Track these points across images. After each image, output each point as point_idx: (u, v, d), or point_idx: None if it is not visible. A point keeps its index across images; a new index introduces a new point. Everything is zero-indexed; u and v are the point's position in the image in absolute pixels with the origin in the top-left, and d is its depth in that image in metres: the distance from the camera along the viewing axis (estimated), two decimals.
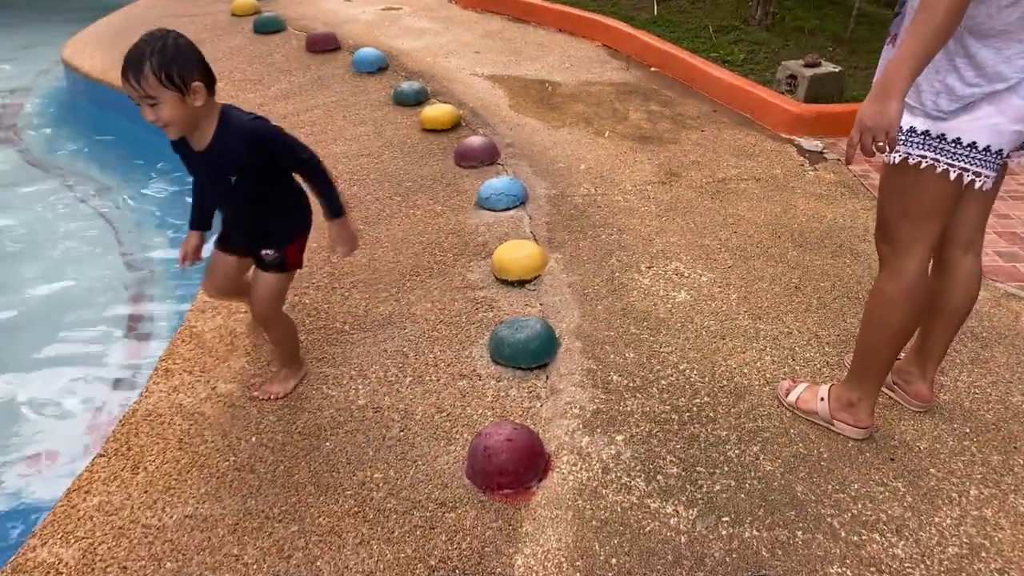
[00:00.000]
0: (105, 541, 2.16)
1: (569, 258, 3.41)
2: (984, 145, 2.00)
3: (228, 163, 2.27)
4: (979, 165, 2.02)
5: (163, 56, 2.09)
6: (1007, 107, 1.97)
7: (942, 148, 2.02)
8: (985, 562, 2.08)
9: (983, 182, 2.05)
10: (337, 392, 2.69)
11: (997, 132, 1.99)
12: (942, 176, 2.05)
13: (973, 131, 2.00)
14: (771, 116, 4.76)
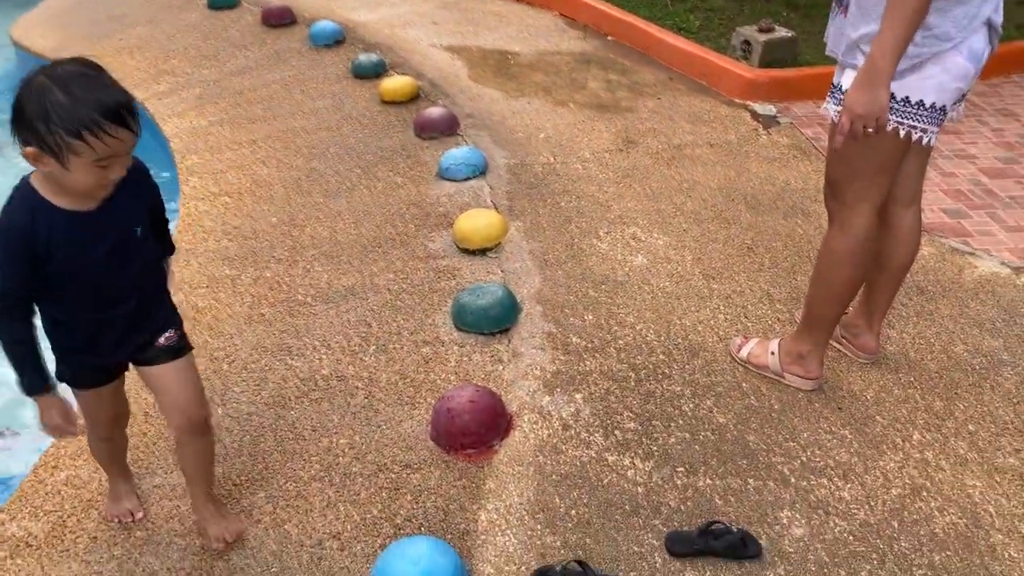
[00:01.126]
0: (74, 514, 2.19)
1: (529, 226, 3.46)
2: (931, 102, 2.09)
3: (133, 210, 1.75)
4: (926, 122, 2.11)
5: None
6: (951, 65, 2.06)
7: (892, 108, 2.10)
8: (925, 501, 2.18)
9: (929, 137, 2.14)
10: (301, 363, 2.72)
11: (942, 89, 2.08)
12: (892, 134, 2.13)
13: (921, 89, 2.08)
14: (726, 82, 4.82)
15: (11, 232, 1.62)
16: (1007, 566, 2.01)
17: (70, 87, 1.51)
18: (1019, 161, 4.06)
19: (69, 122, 1.49)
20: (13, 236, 1.61)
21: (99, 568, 2.03)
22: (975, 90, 4.81)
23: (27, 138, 1.53)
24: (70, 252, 1.66)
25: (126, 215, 1.73)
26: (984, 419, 2.46)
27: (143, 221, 1.79)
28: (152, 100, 4.81)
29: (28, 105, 1.51)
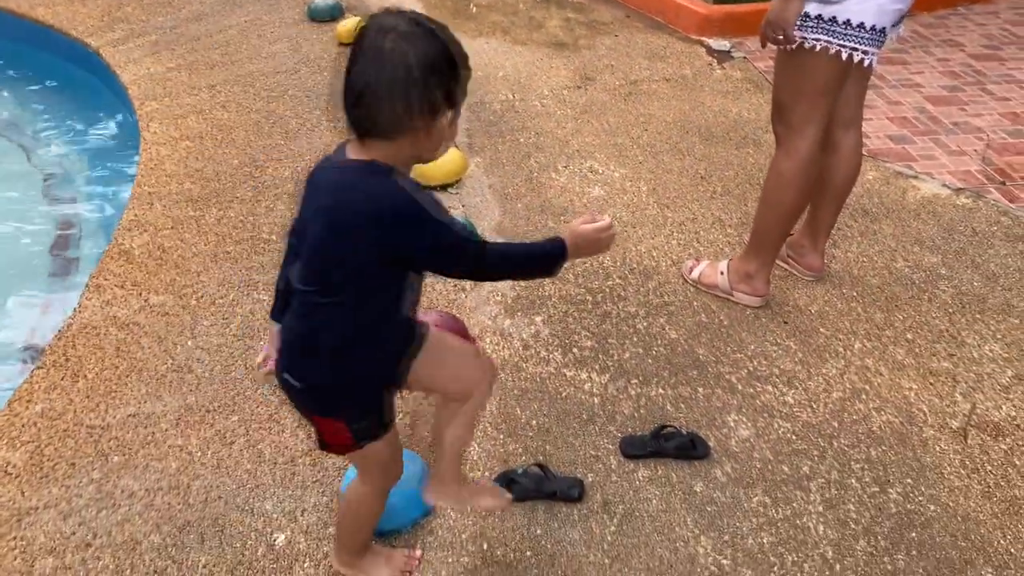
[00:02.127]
0: (51, 443, 2.25)
1: (489, 162, 3.53)
2: (871, 24, 2.18)
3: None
4: (866, 44, 2.21)
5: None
6: None
7: (833, 30, 2.19)
8: (864, 403, 2.33)
9: (869, 59, 2.24)
10: (267, 296, 2.78)
11: (881, 12, 2.17)
12: (834, 57, 2.22)
13: (860, 12, 2.17)
14: (682, 19, 4.87)
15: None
16: (937, 457, 2.17)
17: (444, 31, 1.38)
18: (963, 89, 4.18)
19: (465, 70, 1.39)
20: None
21: (79, 491, 2.11)
22: (922, 21, 4.94)
23: (434, 98, 1.32)
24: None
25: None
26: (921, 328, 2.60)
27: None
28: (107, 48, 4.75)
29: (442, 59, 1.32)
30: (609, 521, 1.97)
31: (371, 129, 1.32)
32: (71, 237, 3.84)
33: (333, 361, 1.45)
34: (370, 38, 1.28)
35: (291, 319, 1.50)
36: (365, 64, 1.29)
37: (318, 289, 1.41)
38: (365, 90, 1.29)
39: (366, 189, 1.34)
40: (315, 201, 1.42)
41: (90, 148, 4.48)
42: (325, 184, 1.41)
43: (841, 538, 1.94)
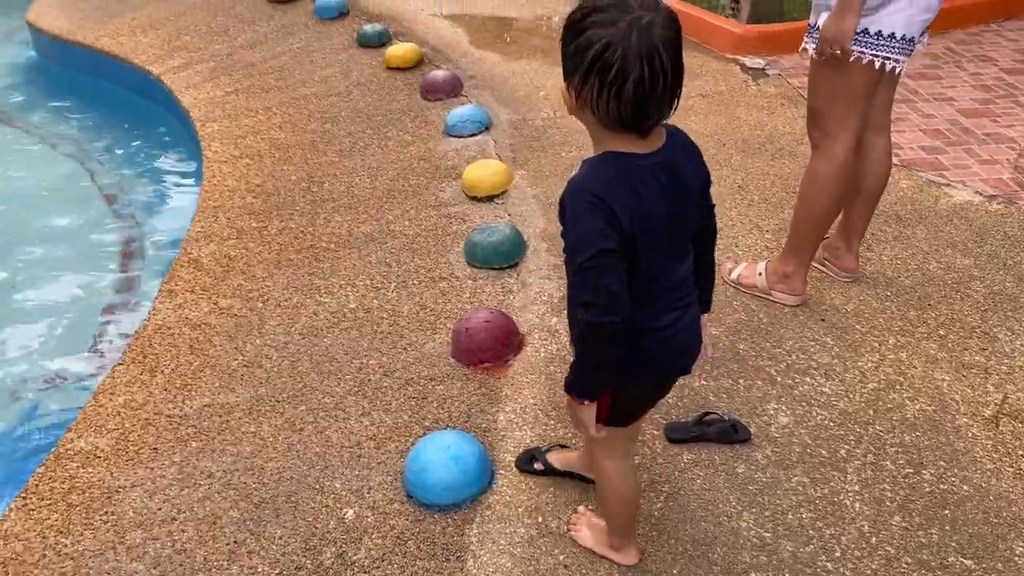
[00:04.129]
0: (134, 430, 2.44)
1: (533, 174, 3.70)
2: (901, 34, 2.31)
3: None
4: (897, 52, 2.34)
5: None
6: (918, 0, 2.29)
7: (866, 41, 2.33)
8: (899, 393, 2.43)
9: (899, 67, 2.37)
10: (329, 299, 2.97)
11: (910, 22, 2.31)
12: (867, 66, 2.36)
13: (891, 23, 2.31)
14: (717, 38, 5.03)
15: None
16: (970, 442, 2.26)
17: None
18: (995, 102, 4.28)
19: None
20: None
21: (162, 472, 2.29)
22: (955, 38, 5.04)
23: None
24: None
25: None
26: (954, 324, 2.70)
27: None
28: (168, 74, 5.03)
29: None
30: (656, 499, 2.09)
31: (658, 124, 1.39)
32: (135, 251, 4.08)
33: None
34: (644, 48, 1.28)
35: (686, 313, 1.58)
36: (655, 77, 1.29)
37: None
38: (662, 97, 1.32)
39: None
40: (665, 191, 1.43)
41: (153, 167, 4.74)
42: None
43: (877, 514, 2.05)
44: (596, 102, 1.33)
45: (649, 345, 1.53)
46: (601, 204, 1.35)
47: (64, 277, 3.88)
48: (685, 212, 1.48)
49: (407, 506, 2.12)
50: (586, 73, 1.31)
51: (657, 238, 1.43)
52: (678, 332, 1.55)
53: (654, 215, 1.40)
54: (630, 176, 1.39)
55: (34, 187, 4.67)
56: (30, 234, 4.21)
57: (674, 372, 1.68)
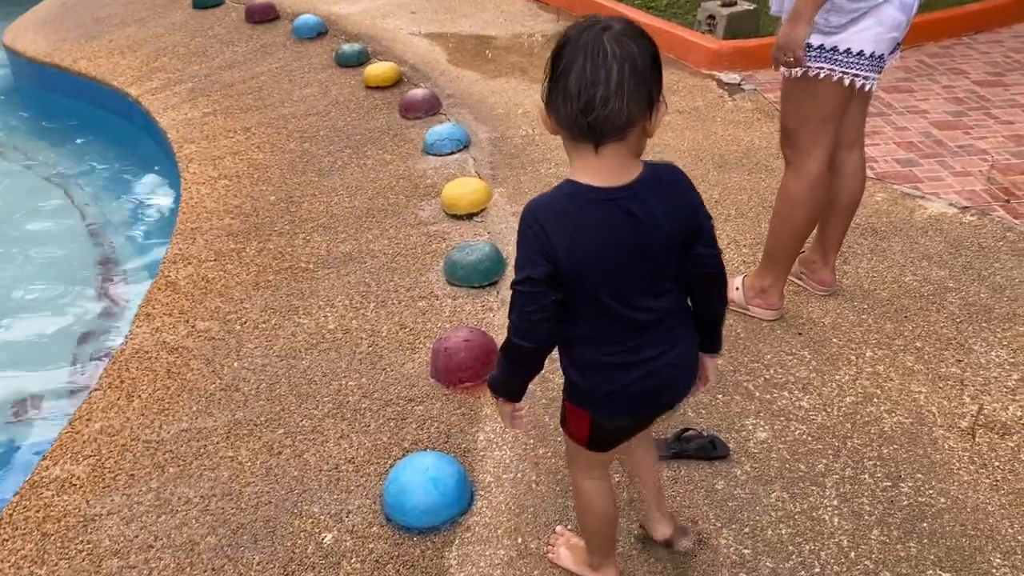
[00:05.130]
0: (111, 456, 2.42)
1: (512, 191, 3.71)
2: (869, 52, 2.34)
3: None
4: (866, 70, 2.37)
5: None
6: (885, 17, 2.32)
7: (835, 59, 2.36)
8: (876, 406, 2.44)
9: (869, 84, 2.40)
10: (308, 320, 2.96)
11: (879, 40, 2.34)
12: (837, 83, 2.38)
13: (859, 41, 2.33)
14: (693, 54, 5.07)
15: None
16: (947, 454, 2.27)
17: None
18: (967, 114, 4.33)
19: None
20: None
21: (139, 499, 2.26)
22: (928, 52, 5.11)
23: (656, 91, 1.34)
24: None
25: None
26: (930, 337, 2.72)
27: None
28: (146, 96, 5.02)
29: (656, 52, 1.33)
30: (635, 516, 2.09)
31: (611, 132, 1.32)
32: (112, 274, 4.05)
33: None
34: (590, 42, 1.27)
35: (679, 326, 1.55)
36: (596, 68, 1.26)
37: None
38: (606, 92, 1.27)
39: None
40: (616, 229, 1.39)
41: (131, 190, 4.72)
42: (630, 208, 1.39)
43: (856, 528, 2.05)
44: (552, 104, 1.33)
45: (623, 381, 1.51)
46: (541, 234, 1.37)
47: (40, 301, 3.85)
48: (652, 251, 1.41)
49: (386, 529, 2.11)
50: (549, 74, 1.33)
51: (612, 273, 1.41)
52: (660, 368, 1.52)
53: (607, 250, 1.38)
54: (582, 209, 1.37)
55: (10, 210, 4.64)
56: (6, 257, 4.17)
57: (653, 407, 1.63)
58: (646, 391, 1.55)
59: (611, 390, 1.53)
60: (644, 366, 1.51)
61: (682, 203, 1.44)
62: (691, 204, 1.45)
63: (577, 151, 1.37)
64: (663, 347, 1.51)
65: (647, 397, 1.57)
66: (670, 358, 1.53)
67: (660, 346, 1.51)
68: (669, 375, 1.56)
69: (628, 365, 1.50)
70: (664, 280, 1.48)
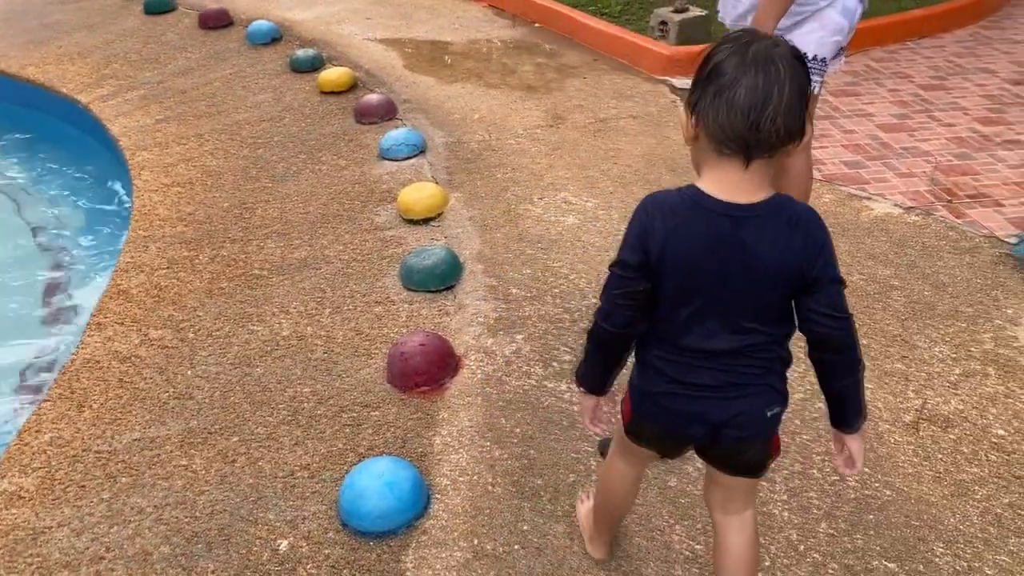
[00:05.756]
0: (61, 468, 2.38)
1: (468, 196, 3.72)
2: (813, 55, 2.40)
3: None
4: (812, 73, 2.42)
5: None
6: (828, 22, 2.39)
7: None
8: (823, 401, 2.48)
9: (816, 88, 2.45)
10: (262, 327, 2.94)
11: (821, 43, 2.40)
12: None
13: (804, 44, 2.40)
14: (646, 60, 5.14)
15: None
16: (892, 448, 2.34)
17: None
18: (912, 117, 4.45)
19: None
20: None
21: (90, 510, 2.23)
22: (874, 56, 5.23)
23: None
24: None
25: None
26: (876, 334, 2.79)
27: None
28: (97, 103, 4.94)
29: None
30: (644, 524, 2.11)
31: (767, 150, 1.32)
32: (63, 283, 3.98)
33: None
34: (762, 57, 1.28)
35: (754, 367, 1.48)
36: (770, 84, 1.27)
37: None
38: (775, 111, 1.27)
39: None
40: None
41: (81, 198, 4.64)
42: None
43: (804, 522, 2.10)
44: (708, 112, 1.30)
45: (659, 388, 1.50)
46: (647, 223, 1.39)
47: None
48: (749, 279, 1.38)
49: (342, 535, 2.11)
50: (703, 86, 1.32)
51: (698, 284, 1.39)
52: (703, 398, 1.48)
53: (703, 259, 1.37)
54: (696, 214, 1.37)
55: None
56: None
57: (683, 431, 1.55)
58: (677, 411, 1.51)
59: (647, 391, 1.53)
60: (686, 388, 1.48)
61: (804, 245, 1.37)
62: (815, 249, 1.37)
63: (714, 161, 1.35)
64: (720, 382, 1.46)
65: (677, 417, 1.52)
66: (718, 398, 1.47)
67: (717, 379, 1.46)
68: (711, 409, 1.48)
69: (672, 379, 1.48)
70: (752, 317, 1.42)
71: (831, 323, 1.41)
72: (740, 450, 1.54)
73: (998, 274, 3.10)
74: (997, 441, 2.36)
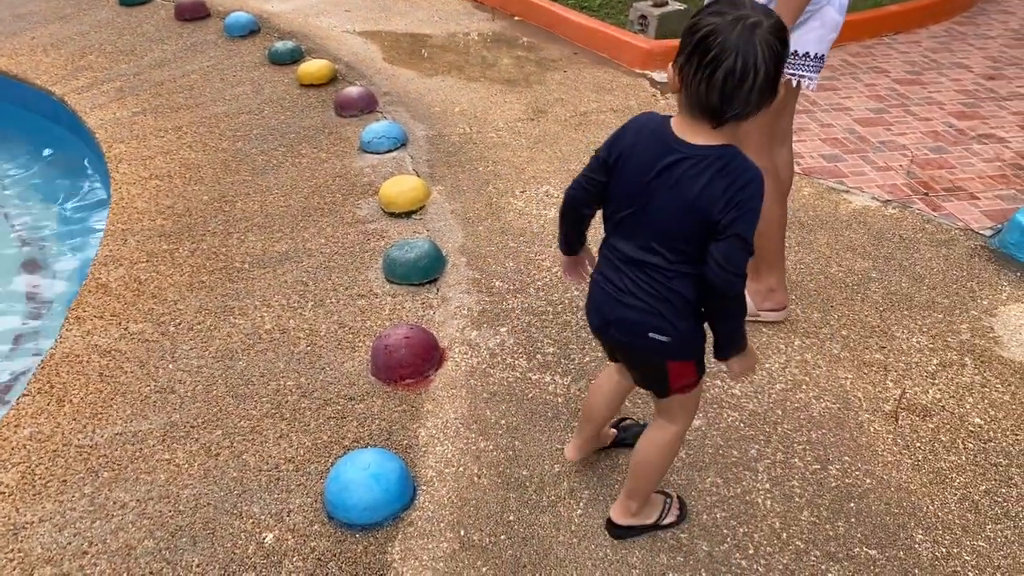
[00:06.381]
0: (42, 463, 2.36)
1: (450, 189, 3.72)
2: (814, 53, 2.42)
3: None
4: (811, 70, 2.45)
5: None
6: (828, 19, 2.40)
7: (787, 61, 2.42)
8: (805, 392, 2.53)
9: (813, 84, 2.47)
10: (244, 320, 2.92)
11: (821, 41, 2.42)
12: (785, 84, 2.44)
13: (804, 43, 2.41)
14: (626, 54, 5.15)
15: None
16: (872, 437, 2.37)
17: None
18: (888, 111, 4.50)
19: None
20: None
21: (72, 505, 2.21)
22: (851, 51, 5.28)
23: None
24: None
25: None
26: (855, 325, 2.83)
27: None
28: (72, 95, 4.88)
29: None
30: (576, 505, 2.13)
31: (735, 119, 1.49)
32: (41, 277, 3.94)
33: (696, 314, 1.68)
34: (743, 42, 1.39)
35: (647, 286, 1.65)
36: (746, 70, 1.40)
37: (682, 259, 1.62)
38: (748, 93, 1.43)
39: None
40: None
41: (58, 191, 4.58)
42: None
43: (787, 510, 2.13)
44: (690, 81, 1.45)
45: (595, 273, 1.78)
46: (623, 131, 1.64)
47: None
48: (662, 210, 1.56)
49: (328, 527, 2.10)
50: (689, 53, 1.45)
51: (627, 195, 1.60)
52: (600, 292, 1.73)
53: (636, 176, 1.57)
54: (652, 137, 1.56)
55: None
56: None
57: (589, 316, 1.81)
58: (593, 299, 1.77)
59: (591, 278, 1.80)
60: (603, 281, 1.73)
61: (723, 192, 1.50)
62: (730, 200, 1.50)
63: (688, 114, 1.51)
64: (621, 285, 1.67)
65: (591, 304, 1.79)
66: (611, 293, 1.70)
67: (621, 282, 1.68)
68: (606, 305, 1.72)
69: (600, 271, 1.74)
70: (659, 241, 1.60)
71: (720, 272, 1.54)
72: (631, 355, 1.80)
73: (974, 266, 3.15)
74: (974, 430, 2.40)
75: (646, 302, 1.65)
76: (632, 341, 1.72)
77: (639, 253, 1.63)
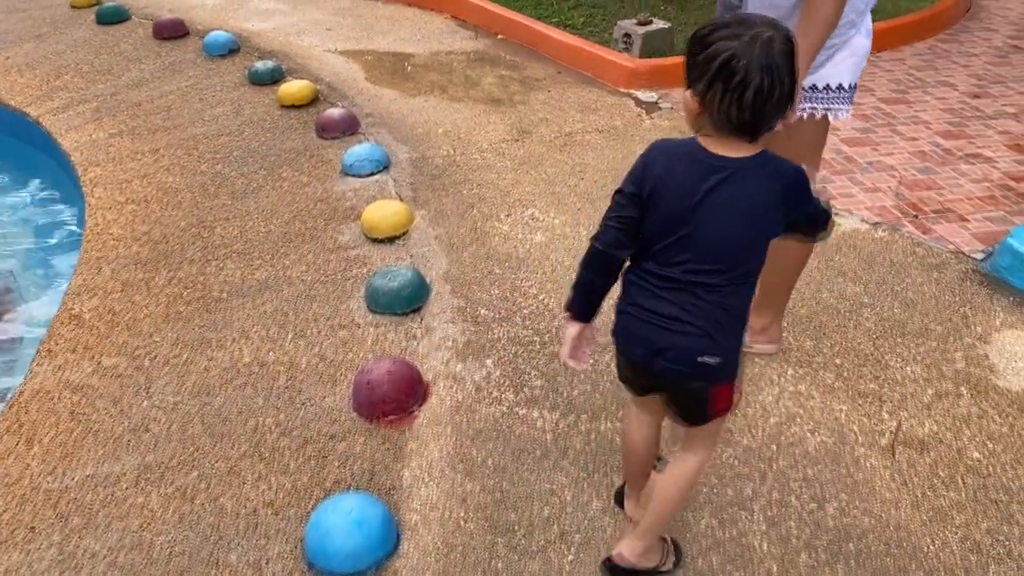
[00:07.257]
0: (9, 508, 2.25)
1: (434, 213, 3.65)
2: (848, 83, 2.33)
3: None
4: (845, 102, 2.36)
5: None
6: (857, 47, 2.32)
7: (815, 96, 2.34)
8: (799, 425, 2.47)
9: (845, 114, 2.39)
10: (222, 353, 2.83)
11: (855, 70, 2.33)
12: (822, 120, 2.37)
13: (837, 75, 2.32)
14: (610, 73, 5.11)
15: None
16: (869, 473, 2.31)
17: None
18: (874, 131, 4.47)
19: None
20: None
21: (40, 555, 2.11)
22: None
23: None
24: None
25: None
26: (848, 353, 2.77)
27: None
28: (47, 116, 4.78)
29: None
30: (567, 551, 2.05)
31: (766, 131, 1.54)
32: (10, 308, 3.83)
33: (743, 328, 1.70)
34: (765, 61, 1.45)
35: (695, 308, 1.62)
36: (773, 86, 1.46)
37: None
38: (775, 107, 1.49)
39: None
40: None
41: (30, 216, 4.48)
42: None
43: (784, 553, 2.06)
44: (718, 107, 1.49)
45: (624, 307, 1.71)
46: (649, 160, 1.61)
47: None
48: (722, 219, 1.56)
49: None
50: (711, 80, 1.48)
51: (668, 221, 1.58)
52: (648, 324, 1.66)
53: (678, 202, 1.56)
54: (685, 161, 1.57)
55: None
56: None
57: (627, 350, 1.76)
58: (631, 333, 1.71)
59: (619, 309, 1.74)
60: (642, 311, 1.67)
61: (771, 189, 1.56)
62: (775, 193, 1.57)
63: (717, 135, 1.54)
64: (668, 313, 1.63)
65: (628, 337, 1.73)
66: (665, 324, 1.64)
67: (667, 310, 1.63)
68: (652, 335, 1.66)
69: (634, 302, 1.68)
70: (713, 259, 1.59)
71: (823, 221, 1.76)
72: (676, 384, 1.72)
73: (966, 290, 3.11)
74: (973, 464, 2.34)
75: (696, 325, 1.63)
76: (682, 369, 1.67)
77: (689, 275, 1.61)
